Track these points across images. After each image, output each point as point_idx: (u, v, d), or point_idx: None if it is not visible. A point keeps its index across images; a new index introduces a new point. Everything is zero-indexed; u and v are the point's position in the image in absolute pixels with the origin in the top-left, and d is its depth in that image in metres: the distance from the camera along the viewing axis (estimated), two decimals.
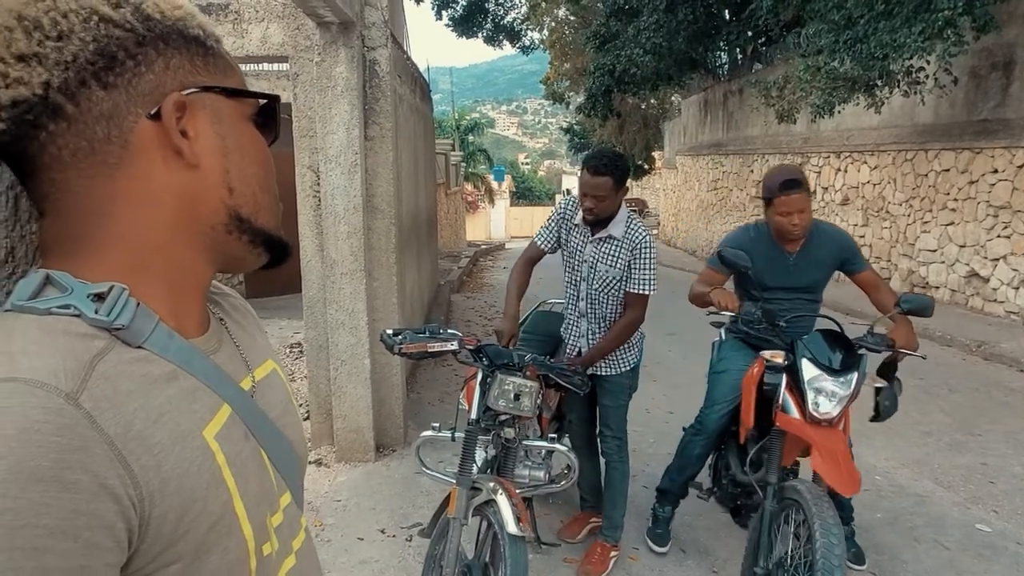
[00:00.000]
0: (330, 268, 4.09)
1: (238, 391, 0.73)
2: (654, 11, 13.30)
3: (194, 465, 0.62)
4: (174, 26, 0.67)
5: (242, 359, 0.78)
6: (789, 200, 2.89)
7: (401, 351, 2.58)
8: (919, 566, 3.35)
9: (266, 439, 0.75)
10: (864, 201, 10.78)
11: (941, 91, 8.15)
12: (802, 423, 2.75)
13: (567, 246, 3.10)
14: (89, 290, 0.63)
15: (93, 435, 0.54)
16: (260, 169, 0.74)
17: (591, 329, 3.13)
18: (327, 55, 3.90)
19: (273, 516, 0.73)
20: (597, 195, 2.86)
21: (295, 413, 0.86)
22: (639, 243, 2.96)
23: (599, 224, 2.97)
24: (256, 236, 0.73)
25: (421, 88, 7.89)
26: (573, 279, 3.13)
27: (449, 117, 39.98)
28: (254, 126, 0.74)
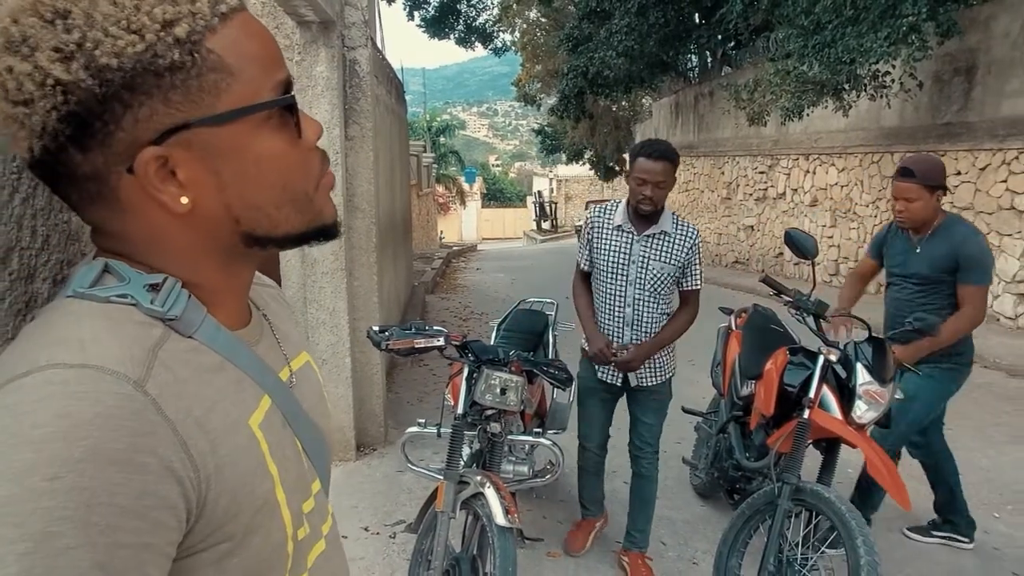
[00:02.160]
0: (311, 267, 4.08)
1: (278, 382, 0.76)
2: (626, 14, 13.43)
3: (243, 452, 0.65)
4: (137, 67, 0.58)
5: (280, 351, 0.81)
6: (897, 186, 3.12)
7: (388, 347, 2.61)
8: (891, 555, 3.44)
9: (301, 428, 0.78)
10: (832, 202, 11.00)
11: (906, 95, 8.36)
12: (845, 425, 2.79)
13: (603, 254, 2.98)
14: (145, 281, 0.65)
15: (159, 420, 0.57)
16: (270, 189, 0.67)
17: (636, 339, 2.98)
18: (307, 54, 3.90)
19: (305, 502, 0.76)
20: (657, 181, 2.78)
21: (326, 404, 0.89)
22: (695, 237, 2.95)
23: (648, 220, 2.90)
24: (282, 242, 0.71)
25: (396, 89, 7.90)
26: (616, 286, 2.97)
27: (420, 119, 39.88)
28: (274, 130, 0.67)
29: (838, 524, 2.55)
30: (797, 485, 2.72)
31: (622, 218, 2.93)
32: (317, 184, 0.71)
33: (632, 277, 2.93)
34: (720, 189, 15.03)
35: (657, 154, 2.78)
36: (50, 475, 0.51)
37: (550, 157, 37.88)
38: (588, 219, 3.07)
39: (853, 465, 4.45)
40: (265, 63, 0.66)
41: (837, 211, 10.88)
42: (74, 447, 0.52)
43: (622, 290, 2.95)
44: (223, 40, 0.62)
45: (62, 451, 0.52)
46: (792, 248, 3.00)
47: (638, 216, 2.90)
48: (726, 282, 12.11)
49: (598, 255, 2.99)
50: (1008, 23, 7.75)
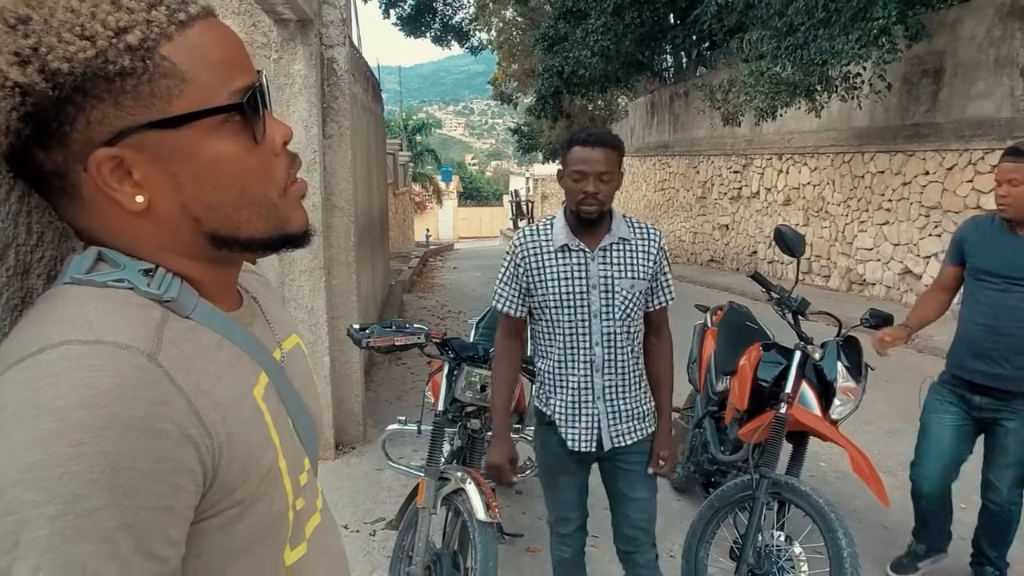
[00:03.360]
0: (288, 266, 4.08)
1: (272, 360, 0.78)
2: (602, 14, 13.52)
3: (250, 422, 0.68)
4: (87, 72, 0.60)
5: (272, 332, 0.83)
6: (1002, 168, 2.69)
7: (369, 345, 2.62)
8: (862, 546, 3.51)
9: (293, 407, 0.80)
10: (805, 201, 11.17)
11: (876, 96, 8.52)
12: (823, 421, 2.85)
13: (551, 287, 2.21)
14: (139, 266, 0.67)
15: (174, 390, 0.60)
16: (227, 191, 0.68)
17: (611, 386, 2.26)
18: (285, 52, 3.89)
19: (301, 475, 0.79)
20: (599, 172, 2.12)
21: (315, 386, 0.92)
22: (659, 238, 2.30)
23: (597, 228, 2.22)
24: (249, 245, 0.72)
25: (373, 88, 7.89)
26: (577, 323, 2.22)
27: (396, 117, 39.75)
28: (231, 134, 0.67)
29: (816, 517, 2.61)
30: (773, 478, 2.78)
31: (564, 234, 2.21)
32: (284, 190, 0.72)
33: (596, 307, 2.20)
34: (695, 188, 15.18)
35: (594, 140, 2.16)
36: (76, 441, 0.53)
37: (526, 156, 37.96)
38: (515, 246, 2.27)
39: (825, 459, 4.55)
40: (224, 69, 0.67)
41: (809, 210, 11.04)
42: (97, 415, 0.54)
43: (585, 326, 2.21)
44: (179, 47, 0.64)
45: (86, 418, 0.54)
46: (781, 245, 3.06)
47: (583, 226, 2.20)
48: (702, 280, 12.25)
49: (543, 290, 2.21)
50: (974, 27, 7.92)
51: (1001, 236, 2.77)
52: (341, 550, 0.91)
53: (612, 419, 2.27)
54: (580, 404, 2.26)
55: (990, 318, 2.75)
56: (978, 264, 2.80)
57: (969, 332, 2.83)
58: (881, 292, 9.39)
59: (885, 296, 9.30)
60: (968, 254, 2.85)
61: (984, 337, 2.76)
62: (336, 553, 0.88)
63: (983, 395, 2.81)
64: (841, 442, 2.79)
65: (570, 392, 2.26)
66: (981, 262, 2.79)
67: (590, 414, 2.27)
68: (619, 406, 2.27)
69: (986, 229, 2.84)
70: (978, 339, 2.78)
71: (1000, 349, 2.72)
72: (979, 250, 2.83)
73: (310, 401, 0.87)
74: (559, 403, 2.29)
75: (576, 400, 2.26)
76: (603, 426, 2.26)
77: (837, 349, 2.93)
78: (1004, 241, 2.75)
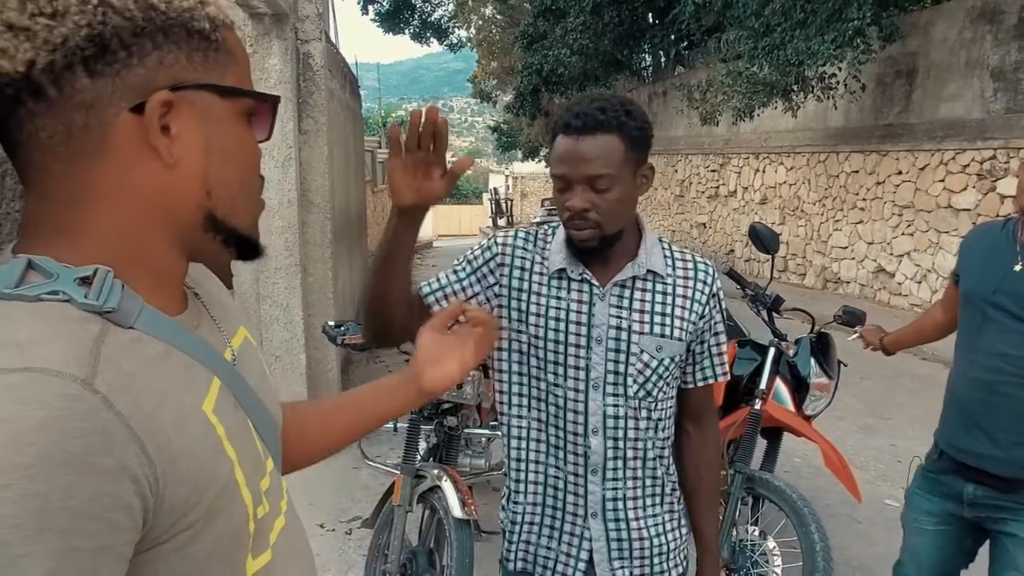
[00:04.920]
0: (264, 263, 4.04)
1: (224, 363, 0.74)
2: (581, 12, 13.56)
3: (199, 440, 0.64)
4: (178, 19, 0.64)
5: (219, 332, 0.79)
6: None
7: (344, 342, 2.61)
8: (834, 539, 3.56)
9: (250, 407, 0.77)
10: (781, 200, 11.28)
11: (851, 97, 8.63)
12: (798, 417, 2.87)
13: (527, 328, 1.42)
14: (75, 275, 0.63)
15: (111, 418, 0.56)
16: (241, 172, 0.72)
17: (616, 498, 1.42)
18: (259, 47, 3.85)
19: (262, 480, 0.76)
20: (591, 176, 1.30)
21: (269, 379, 0.88)
22: (709, 279, 1.47)
23: (611, 253, 1.39)
24: (228, 235, 0.72)
25: (351, 84, 7.84)
26: (568, 392, 1.40)
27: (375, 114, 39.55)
28: (247, 125, 0.71)
29: (790, 512, 2.64)
30: (748, 474, 2.81)
31: (563, 256, 1.41)
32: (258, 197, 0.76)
33: (598, 372, 1.39)
34: (673, 187, 15.27)
35: (582, 122, 1.30)
36: (0, 483, 0.50)
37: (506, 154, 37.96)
38: (500, 244, 1.46)
39: (799, 455, 4.60)
40: (248, 71, 0.73)
41: (786, 209, 11.16)
42: (23, 453, 0.51)
43: (577, 400, 1.39)
44: (232, 36, 0.70)
45: (10, 458, 0.50)
46: (755, 242, 3.07)
47: (582, 252, 1.38)
48: None
49: (519, 325, 1.43)
50: (946, 29, 8.05)
51: (1009, 250, 1.85)
52: (308, 552, 0.88)
53: (617, 550, 1.42)
54: (562, 523, 1.43)
55: (985, 371, 1.85)
56: (969, 288, 1.93)
57: (958, 391, 1.96)
58: (855, 290, 9.51)
59: (859, 294, 9.42)
60: (962, 273, 1.99)
61: (976, 399, 1.88)
62: (302, 555, 0.85)
63: (977, 484, 1.91)
64: (814, 438, 2.83)
65: (548, 496, 1.44)
66: (973, 285, 1.91)
67: (577, 538, 1.42)
68: (629, 529, 1.42)
69: (992, 239, 1.93)
70: (967, 401, 1.91)
71: (997, 418, 1.83)
72: (974, 268, 1.94)
73: (267, 397, 0.83)
74: (527, 515, 1.46)
75: (556, 511, 1.43)
76: (600, 560, 1.42)
77: (810, 346, 2.96)
78: (1010, 257, 1.83)
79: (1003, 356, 1.82)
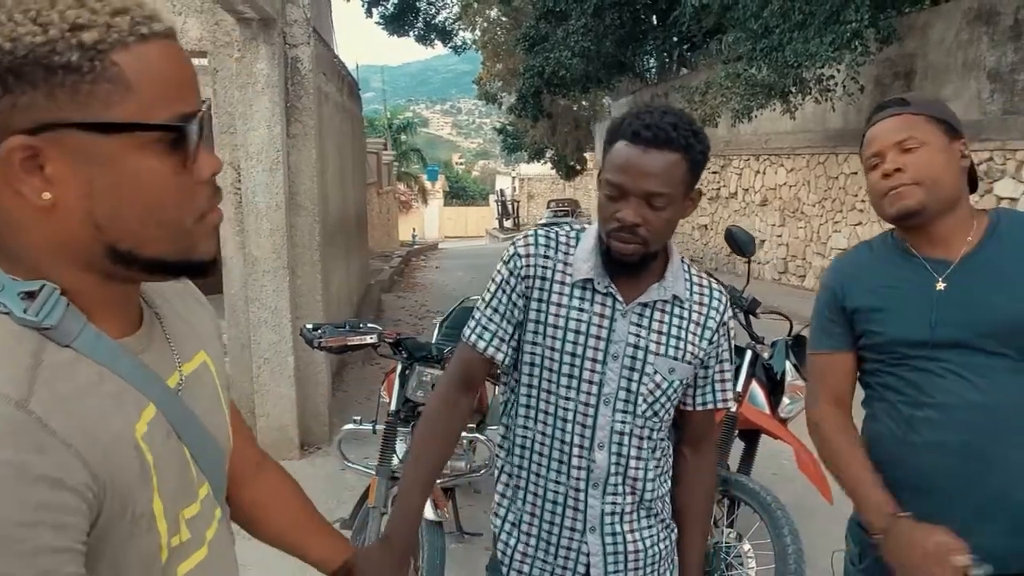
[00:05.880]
0: (252, 266, 4.07)
1: (164, 390, 0.75)
2: (582, 15, 13.57)
3: (128, 463, 0.66)
4: (30, 57, 0.59)
5: (172, 356, 0.80)
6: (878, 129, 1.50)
7: (321, 345, 2.63)
8: (817, 540, 3.57)
9: (190, 436, 0.77)
10: (781, 202, 11.26)
11: (849, 98, 8.61)
12: (772, 419, 2.89)
13: (543, 338, 1.41)
14: (20, 288, 0.64)
15: (45, 436, 0.59)
16: (144, 207, 0.67)
17: (615, 512, 1.43)
18: (247, 51, 3.89)
19: (188, 508, 0.77)
20: (651, 192, 1.28)
21: (221, 405, 0.88)
22: (723, 307, 1.49)
23: (639, 272, 1.39)
24: (150, 266, 0.71)
25: (349, 87, 7.87)
26: (579, 406, 1.40)
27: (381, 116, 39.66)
28: (160, 154, 0.67)
29: (763, 514, 2.65)
30: (724, 476, 2.82)
31: (591, 264, 1.39)
32: (200, 217, 0.72)
33: (612, 388, 1.40)
34: None
35: (654, 136, 1.27)
36: None
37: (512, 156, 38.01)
38: (520, 255, 1.44)
39: (787, 456, 4.60)
40: (171, 91, 0.67)
41: (786, 210, 11.14)
42: None
43: (587, 414, 1.40)
44: (133, 57, 0.64)
45: None
46: (731, 245, 3.09)
47: (617, 265, 1.37)
48: None
49: (535, 335, 1.42)
50: (943, 30, 8.02)
51: (912, 269, 1.45)
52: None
53: (613, 564, 1.43)
54: (559, 534, 1.43)
55: (957, 431, 1.36)
56: (895, 335, 1.44)
57: (911, 464, 1.41)
58: None
59: None
60: (865, 323, 1.48)
61: (952, 471, 1.37)
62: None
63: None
64: (789, 439, 2.84)
65: (546, 510, 1.43)
66: (898, 330, 1.43)
67: (574, 551, 1.43)
68: (625, 544, 1.43)
69: (877, 266, 1.52)
70: (937, 475, 1.38)
71: (1000, 494, 1.34)
72: (884, 310, 1.46)
73: (214, 425, 0.84)
74: (524, 525, 1.46)
75: (554, 525, 1.43)
76: (597, 574, 1.43)
77: (786, 348, 2.97)
78: (920, 278, 1.43)
79: (982, 408, 1.33)
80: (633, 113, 1.33)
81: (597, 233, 1.40)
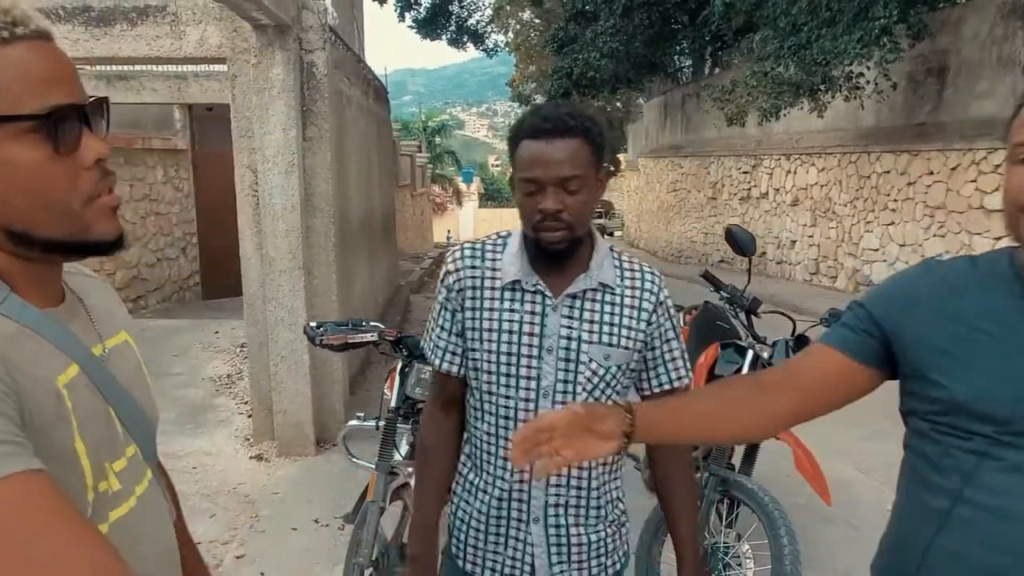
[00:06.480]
0: (269, 266, 4.17)
1: (87, 354, 0.84)
2: (611, 15, 13.55)
3: (46, 402, 0.75)
4: None
5: (94, 330, 0.89)
6: None
7: (322, 342, 2.69)
8: (829, 546, 3.54)
9: (114, 397, 0.86)
10: (812, 202, 11.09)
11: (880, 96, 8.45)
12: None
13: (481, 343, 1.47)
14: None
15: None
16: (19, 192, 0.75)
17: (559, 504, 1.47)
18: (263, 57, 3.98)
19: (115, 463, 0.85)
20: (564, 177, 1.35)
21: (144, 379, 0.98)
22: (659, 287, 1.51)
23: (565, 264, 1.44)
24: (46, 245, 0.79)
25: (375, 90, 7.98)
26: (519, 402, 1.45)
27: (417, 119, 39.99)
28: (33, 143, 0.74)
29: (761, 515, 2.64)
30: (723, 476, 2.82)
31: (518, 266, 1.45)
32: (88, 200, 0.79)
33: (549, 381, 1.44)
34: (706, 189, 15.12)
35: (552, 127, 1.36)
36: None
37: None
38: (449, 271, 1.51)
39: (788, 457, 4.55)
40: (40, 86, 0.74)
41: (817, 210, 10.96)
42: None
43: (529, 412, 1.44)
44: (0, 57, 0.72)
45: None
46: (731, 244, 3.08)
47: (548, 258, 1.43)
48: None
49: (475, 342, 1.48)
50: (977, 25, 7.84)
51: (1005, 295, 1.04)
52: (163, 539, 0.95)
53: (556, 554, 1.48)
54: (506, 526, 1.48)
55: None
56: (972, 394, 1.02)
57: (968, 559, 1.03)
58: None
59: None
60: (929, 366, 1.07)
61: None
62: (154, 542, 0.91)
63: None
64: (787, 440, 2.82)
65: (493, 507, 1.48)
66: (979, 388, 1.01)
67: (522, 543, 1.48)
68: (568, 535, 1.48)
69: (978, 296, 1.06)
70: None
71: None
72: (965, 356, 1.04)
73: (138, 394, 0.93)
74: (474, 521, 1.52)
75: (501, 518, 1.48)
76: (540, 565, 1.48)
77: (787, 348, 2.95)
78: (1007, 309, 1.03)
79: None
80: (529, 113, 1.43)
81: (521, 235, 1.48)
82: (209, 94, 8.39)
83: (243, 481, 4.12)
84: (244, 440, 4.73)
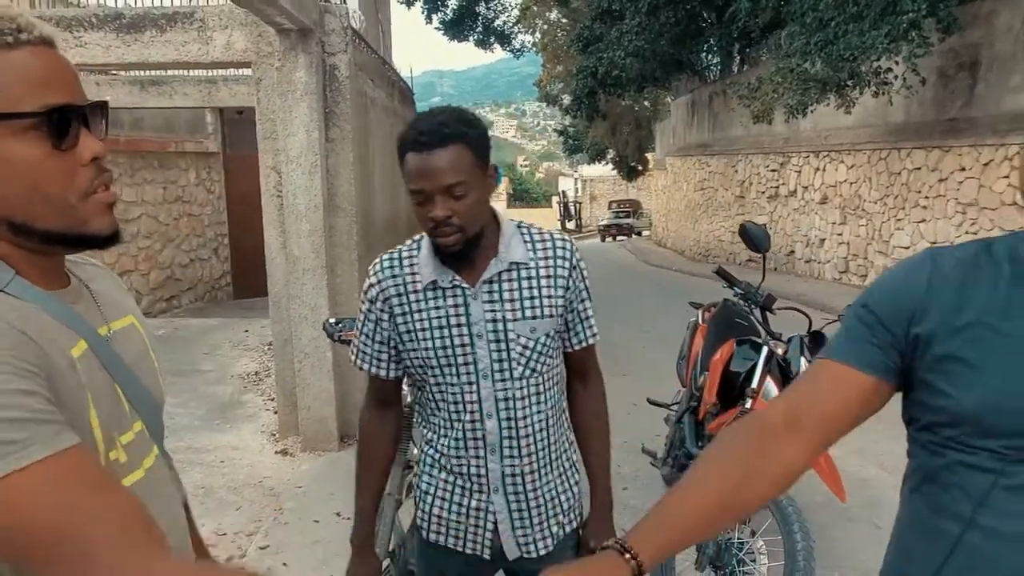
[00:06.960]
0: (293, 264, 4.26)
1: (94, 333, 0.89)
2: (636, 14, 13.50)
3: (66, 372, 0.80)
4: None
5: (99, 312, 0.94)
6: None
7: (339, 338, 2.76)
8: (850, 543, 3.52)
9: (120, 377, 0.91)
10: (842, 199, 10.95)
11: (909, 91, 8.32)
12: None
13: (422, 340, 1.56)
14: None
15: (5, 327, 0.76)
16: (19, 186, 0.79)
17: (514, 473, 1.59)
18: (287, 60, 4.07)
19: (123, 435, 0.90)
20: (448, 185, 1.42)
21: (151, 363, 1.02)
22: (571, 253, 1.60)
23: (474, 249, 1.51)
24: (45, 237, 0.83)
25: (401, 92, 8.08)
26: (460, 390, 1.56)
27: None
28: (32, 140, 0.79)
29: (774, 510, 2.65)
30: None
31: (432, 267, 1.55)
32: (85, 196, 0.84)
33: (485, 364, 1.55)
34: (734, 187, 15.00)
35: (428, 139, 1.42)
36: None
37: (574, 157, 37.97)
38: (370, 285, 1.60)
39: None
40: (40, 87, 0.80)
41: (846, 208, 10.83)
42: None
43: (472, 394, 1.56)
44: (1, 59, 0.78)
45: None
46: (746, 241, 3.09)
47: (451, 257, 1.52)
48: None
49: (412, 344, 1.56)
50: (1010, 18, 7.68)
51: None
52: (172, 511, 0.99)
53: (519, 519, 1.60)
54: (469, 499, 1.59)
55: None
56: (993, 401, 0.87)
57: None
58: None
59: None
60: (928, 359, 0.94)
61: None
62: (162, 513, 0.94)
63: None
64: None
65: (457, 484, 1.60)
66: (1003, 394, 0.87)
67: (482, 513, 1.59)
68: (527, 500, 1.59)
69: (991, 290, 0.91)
70: None
71: None
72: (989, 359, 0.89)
73: (144, 375, 0.97)
74: (440, 501, 1.62)
75: (464, 494, 1.60)
76: (504, 529, 1.60)
77: (801, 344, 2.94)
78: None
79: None
80: (410, 125, 1.49)
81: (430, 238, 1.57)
82: (238, 98, 8.55)
83: (268, 475, 4.22)
84: (270, 435, 4.84)
